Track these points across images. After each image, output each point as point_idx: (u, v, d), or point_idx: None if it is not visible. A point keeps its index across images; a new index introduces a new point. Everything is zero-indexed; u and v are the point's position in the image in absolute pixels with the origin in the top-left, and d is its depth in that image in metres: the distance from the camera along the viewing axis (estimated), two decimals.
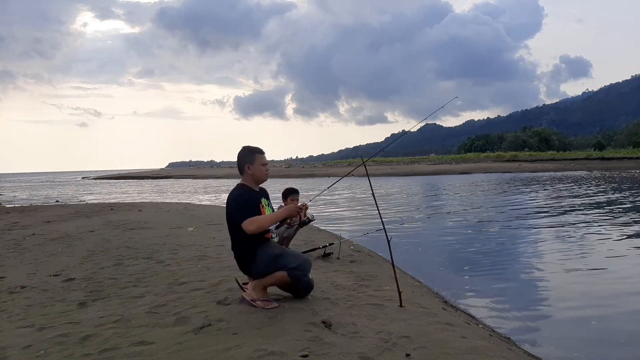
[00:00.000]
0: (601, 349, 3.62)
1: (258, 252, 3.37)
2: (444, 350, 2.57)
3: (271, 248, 3.43)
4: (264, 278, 3.39)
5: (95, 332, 2.97)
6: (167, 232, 7.85)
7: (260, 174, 3.52)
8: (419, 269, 6.12)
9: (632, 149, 64.20)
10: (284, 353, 2.46)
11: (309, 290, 3.54)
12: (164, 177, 58.76)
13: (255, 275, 3.42)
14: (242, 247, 3.41)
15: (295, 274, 3.38)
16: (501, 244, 8.25)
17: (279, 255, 3.41)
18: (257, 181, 3.55)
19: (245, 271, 3.49)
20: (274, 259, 3.37)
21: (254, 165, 3.49)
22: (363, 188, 23.88)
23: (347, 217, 12.92)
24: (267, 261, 3.36)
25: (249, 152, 3.53)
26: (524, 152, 74.41)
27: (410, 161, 75.12)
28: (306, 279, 3.47)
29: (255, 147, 3.58)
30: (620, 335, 3.85)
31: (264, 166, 3.53)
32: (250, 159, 3.50)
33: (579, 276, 5.78)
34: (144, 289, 4.06)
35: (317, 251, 5.49)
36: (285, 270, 3.36)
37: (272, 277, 3.39)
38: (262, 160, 3.52)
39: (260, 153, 3.54)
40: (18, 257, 5.95)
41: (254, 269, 3.40)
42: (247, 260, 3.41)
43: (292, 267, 3.37)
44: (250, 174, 3.50)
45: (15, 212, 13.46)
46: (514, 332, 3.92)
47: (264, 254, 3.37)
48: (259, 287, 3.40)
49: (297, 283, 3.44)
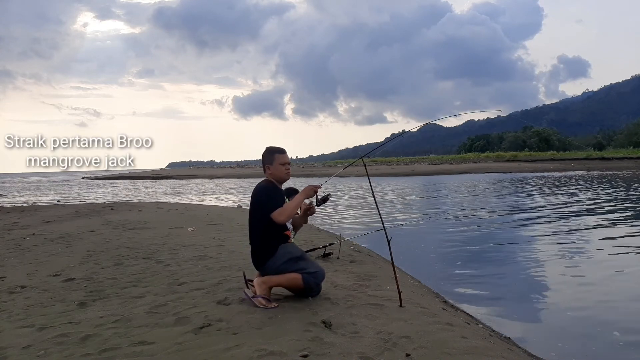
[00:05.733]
0: (601, 348, 3.62)
1: (279, 249, 3.41)
2: (444, 350, 2.57)
3: (293, 248, 3.48)
4: (276, 276, 3.39)
5: (95, 332, 2.97)
6: (167, 232, 7.86)
7: (280, 174, 3.55)
8: (419, 269, 6.12)
9: (632, 149, 64.18)
10: (284, 353, 2.46)
11: (316, 294, 3.54)
12: (164, 177, 58.75)
13: (269, 271, 3.42)
14: (264, 242, 3.44)
15: (310, 280, 3.41)
16: (501, 244, 8.25)
17: (299, 257, 3.44)
18: (278, 180, 3.58)
19: (260, 265, 3.48)
20: (294, 259, 3.40)
21: (273, 166, 3.54)
22: (363, 188, 23.88)
23: (347, 217, 12.92)
24: (286, 259, 3.39)
25: (268, 153, 3.59)
26: (524, 152, 74.43)
27: (410, 161, 75.13)
28: (316, 287, 3.49)
29: (276, 148, 3.63)
30: (621, 336, 3.84)
31: (284, 165, 3.55)
32: (270, 159, 3.55)
33: (579, 276, 5.78)
34: (144, 289, 4.06)
35: (317, 251, 5.49)
36: (302, 273, 3.38)
37: (285, 277, 3.39)
38: (282, 160, 3.55)
39: (280, 153, 3.58)
40: (18, 257, 5.95)
41: (270, 264, 3.41)
42: (267, 254, 3.42)
43: (309, 272, 3.40)
44: (270, 173, 3.55)
45: (15, 212, 13.46)
46: (514, 332, 3.91)
47: (285, 251, 3.41)
48: (267, 284, 3.40)
49: (308, 289, 3.45)
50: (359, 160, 4.06)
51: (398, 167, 58.00)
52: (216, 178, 54.01)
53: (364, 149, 30.84)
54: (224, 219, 9.87)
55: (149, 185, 41.70)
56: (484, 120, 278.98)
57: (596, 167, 48.68)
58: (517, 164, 56.73)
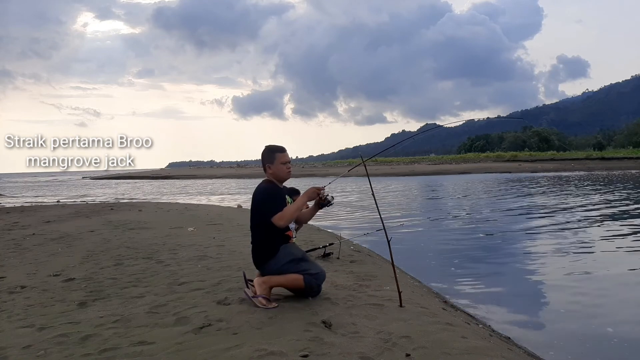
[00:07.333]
0: (601, 348, 3.62)
1: (281, 249, 3.41)
2: (444, 350, 2.57)
3: (294, 249, 3.47)
4: (276, 276, 3.39)
5: (95, 332, 2.97)
6: (167, 232, 7.86)
7: (281, 173, 3.54)
8: (419, 269, 6.12)
9: (632, 149, 64.16)
10: (284, 353, 2.46)
11: (316, 295, 3.54)
12: (164, 177, 58.75)
13: (270, 271, 3.42)
14: (265, 242, 3.43)
15: (312, 281, 3.41)
16: (501, 244, 8.25)
17: (301, 258, 3.44)
18: (279, 179, 3.58)
19: (261, 265, 3.48)
20: (295, 260, 3.40)
21: (274, 165, 3.52)
22: (363, 189, 23.88)
23: (347, 217, 12.92)
24: (288, 260, 3.39)
25: (269, 152, 3.57)
26: (524, 152, 74.44)
27: (410, 161, 75.08)
28: (317, 288, 3.49)
29: (277, 146, 3.61)
30: (621, 336, 3.84)
31: (285, 165, 3.54)
32: (270, 158, 3.54)
33: (579, 276, 5.78)
34: (144, 289, 4.06)
35: (317, 251, 5.49)
36: (303, 275, 3.38)
37: (286, 277, 3.39)
38: (282, 159, 3.54)
39: (280, 152, 3.57)
40: (18, 257, 5.95)
41: (272, 264, 3.41)
42: (268, 255, 3.42)
43: (311, 274, 3.40)
44: (271, 172, 3.54)
45: (15, 212, 13.46)
46: (514, 332, 3.91)
47: (287, 252, 3.41)
48: (267, 284, 3.40)
49: (309, 290, 3.45)
50: (363, 161, 3.99)
51: (398, 167, 57.99)
52: (216, 178, 53.99)
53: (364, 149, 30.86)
54: (224, 219, 9.88)
55: (149, 185, 41.69)
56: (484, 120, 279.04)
57: (596, 167, 48.68)
58: (517, 164, 56.74)
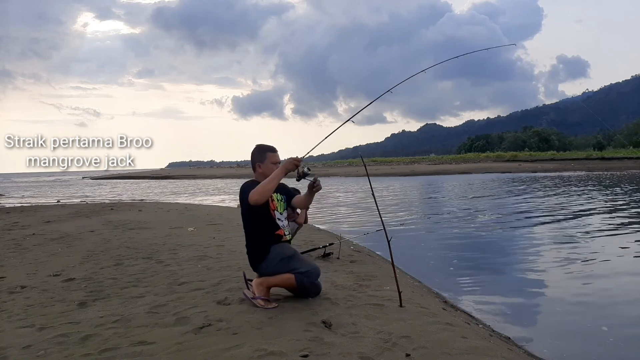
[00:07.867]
0: (601, 349, 3.62)
1: (272, 250, 3.40)
2: (444, 350, 2.57)
3: (284, 249, 3.45)
4: (272, 277, 3.40)
5: (95, 332, 2.97)
6: (167, 232, 7.86)
7: (270, 173, 3.47)
8: (419, 269, 6.12)
9: (632, 149, 64.12)
10: (284, 353, 2.46)
11: (315, 294, 3.53)
12: (164, 177, 58.76)
13: (263, 273, 3.43)
14: (256, 243, 3.44)
15: (303, 279, 3.40)
16: (501, 245, 8.25)
17: (291, 257, 3.42)
18: None
19: (255, 268, 3.50)
20: (285, 259, 3.39)
21: (264, 164, 3.51)
22: (363, 189, 23.88)
23: (347, 217, 12.92)
24: (278, 261, 3.38)
25: (260, 151, 3.56)
26: (524, 152, 74.42)
27: (410, 161, 75.09)
28: (311, 285, 3.47)
29: (268, 146, 3.60)
30: (621, 336, 3.85)
31: (275, 165, 3.51)
32: (261, 157, 3.52)
33: (579, 276, 5.78)
34: (144, 289, 4.06)
35: (317, 251, 5.49)
36: (293, 273, 3.38)
37: (279, 277, 3.40)
38: (273, 159, 3.52)
39: (271, 151, 3.55)
40: (18, 257, 5.95)
41: (264, 266, 3.41)
42: (260, 257, 3.42)
43: (301, 272, 3.39)
44: (261, 172, 3.51)
45: (15, 212, 13.46)
46: (514, 332, 3.91)
47: (277, 252, 3.40)
48: (264, 285, 3.41)
49: (302, 289, 3.45)
50: (361, 167, 3.99)
51: (398, 167, 57.99)
52: (216, 178, 53.99)
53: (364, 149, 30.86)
54: (224, 219, 9.88)
55: (149, 185, 41.69)
56: (484, 120, 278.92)
57: (596, 167, 48.66)
58: (517, 164, 56.70)
